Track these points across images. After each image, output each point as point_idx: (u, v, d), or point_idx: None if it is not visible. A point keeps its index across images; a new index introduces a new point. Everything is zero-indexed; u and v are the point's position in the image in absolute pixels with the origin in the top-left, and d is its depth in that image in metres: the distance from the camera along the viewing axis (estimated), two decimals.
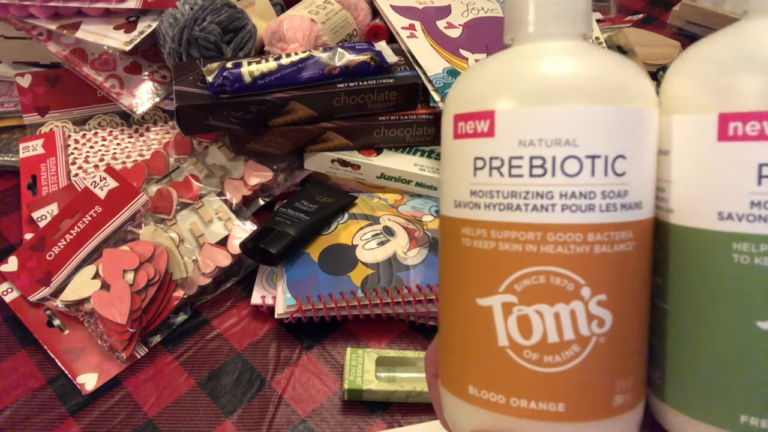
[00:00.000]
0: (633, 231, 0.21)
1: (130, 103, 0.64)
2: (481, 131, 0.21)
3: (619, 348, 0.21)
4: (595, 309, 0.20)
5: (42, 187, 0.60)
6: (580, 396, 0.20)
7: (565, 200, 0.20)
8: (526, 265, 0.20)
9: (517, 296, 0.20)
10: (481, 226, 0.21)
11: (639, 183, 0.21)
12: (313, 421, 0.45)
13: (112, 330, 0.47)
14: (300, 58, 0.57)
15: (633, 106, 0.20)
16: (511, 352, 0.20)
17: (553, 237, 0.20)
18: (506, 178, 0.20)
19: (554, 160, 0.20)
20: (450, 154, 0.23)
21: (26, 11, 0.63)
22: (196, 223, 0.56)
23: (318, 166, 0.61)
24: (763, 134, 0.19)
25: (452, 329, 0.23)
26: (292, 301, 0.48)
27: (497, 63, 0.22)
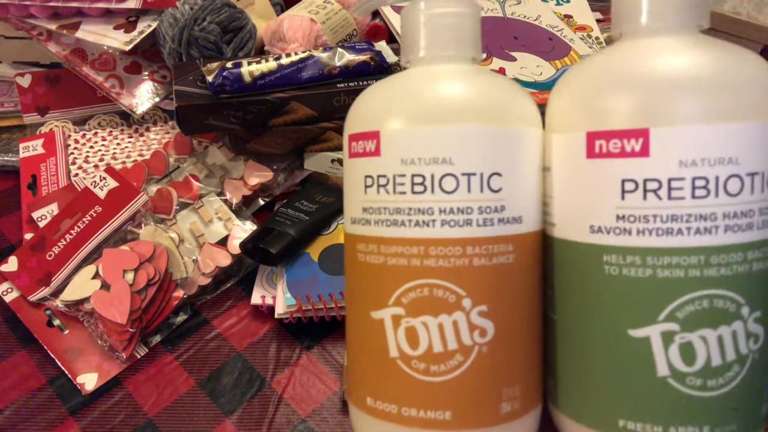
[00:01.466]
0: (513, 244, 0.22)
1: (130, 103, 0.64)
2: (369, 150, 0.22)
3: (502, 357, 0.21)
4: (477, 319, 0.21)
5: (42, 187, 0.60)
6: (465, 404, 0.21)
7: (444, 216, 0.21)
8: (412, 279, 0.21)
9: (405, 308, 0.21)
10: (372, 242, 0.22)
11: (517, 198, 0.22)
12: (313, 421, 0.45)
13: (112, 330, 0.47)
14: (300, 58, 0.57)
15: (509, 126, 0.21)
16: (401, 362, 0.21)
17: (434, 251, 0.21)
18: (391, 195, 0.21)
19: (433, 178, 0.21)
20: (347, 173, 0.24)
21: (26, 11, 0.63)
22: (196, 223, 0.56)
23: (318, 166, 0.61)
24: (624, 151, 0.20)
25: (352, 341, 0.23)
26: (292, 301, 0.48)
27: (388, 85, 0.23)
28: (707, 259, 0.19)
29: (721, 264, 0.19)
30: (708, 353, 0.19)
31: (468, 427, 0.21)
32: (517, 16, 0.72)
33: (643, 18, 0.20)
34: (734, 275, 0.19)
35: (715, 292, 0.19)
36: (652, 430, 0.20)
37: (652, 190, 0.19)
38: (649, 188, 0.19)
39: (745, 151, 0.19)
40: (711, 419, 0.20)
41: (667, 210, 0.19)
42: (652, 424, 0.20)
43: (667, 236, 0.19)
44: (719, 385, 0.20)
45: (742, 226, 0.19)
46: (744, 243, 0.19)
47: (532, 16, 0.72)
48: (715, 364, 0.19)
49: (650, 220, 0.20)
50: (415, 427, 0.21)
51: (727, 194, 0.19)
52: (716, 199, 0.19)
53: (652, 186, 0.19)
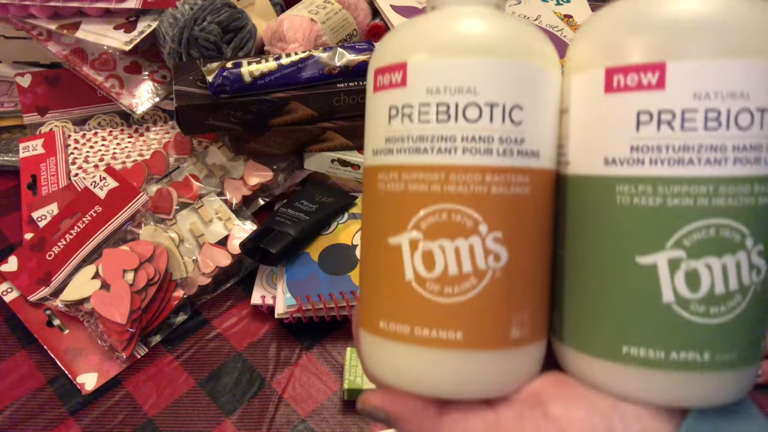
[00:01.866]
0: (529, 177, 0.22)
1: (130, 103, 0.64)
2: (395, 82, 0.23)
3: (514, 283, 0.22)
4: (492, 245, 0.22)
5: (42, 187, 0.60)
6: (476, 325, 0.22)
7: (466, 143, 0.22)
8: (431, 203, 0.22)
9: (423, 232, 0.22)
10: (394, 170, 0.23)
11: (536, 133, 0.23)
12: (313, 421, 0.45)
13: (112, 330, 0.47)
14: (300, 58, 0.57)
15: (533, 62, 0.22)
16: (416, 285, 0.22)
17: (455, 177, 0.22)
18: (416, 123, 0.22)
19: (457, 107, 0.22)
20: (370, 108, 0.24)
21: (26, 11, 0.63)
22: (196, 223, 0.56)
23: (318, 166, 0.61)
24: (641, 85, 0.21)
25: (367, 270, 0.24)
26: (292, 301, 0.48)
27: (414, 23, 0.24)
28: (716, 189, 0.20)
29: (728, 194, 0.20)
30: (712, 281, 0.20)
31: (478, 347, 0.22)
32: (517, 16, 0.72)
33: None
34: (740, 206, 0.20)
35: (721, 221, 0.20)
36: (654, 354, 0.21)
37: (666, 121, 0.20)
38: (663, 119, 0.20)
39: (756, 86, 0.20)
40: (712, 346, 0.20)
41: (680, 140, 0.20)
42: (655, 348, 0.21)
43: (678, 165, 0.20)
44: (721, 312, 0.20)
45: (750, 159, 0.20)
46: (751, 176, 0.20)
47: (532, 16, 0.72)
48: (718, 292, 0.20)
49: (663, 150, 0.20)
50: (427, 347, 0.22)
51: (738, 127, 0.20)
52: (727, 131, 0.20)
53: (666, 117, 0.20)
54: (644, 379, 0.21)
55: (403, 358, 0.23)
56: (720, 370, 0.21)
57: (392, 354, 0.23)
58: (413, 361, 0.23)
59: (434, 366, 0.22)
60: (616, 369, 0.22)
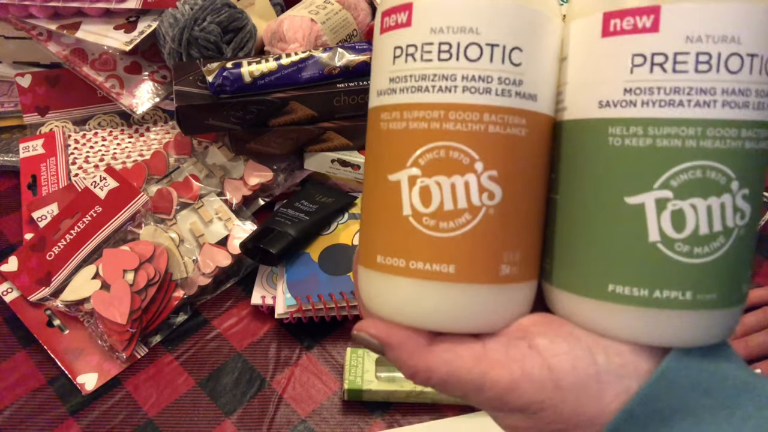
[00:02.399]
0: (526, 119, 0.23)
1: (130, 103, 0.64)
2: (401, 22, 0.23)
3: (506, 221, 0.23)
4: (487, 182, 0.22)
5: (42, 187, 0.60)
6: (468, 260, 0.23)
7: (465, 82, 0.22)
8: (430, 141, 0.22)
9: (421, 169, 0.23)
10: (396, 109, 0.23)
11: (534, 76, 0.23)
12: (313, 421, 0.45)
13: (112, 330, 0.47)
14: (300, 58, 0.57)
15: (533, 6, 0.23)
16: (412, 219, 0.23)
17: (453, 115, 0.22)
18: (418, 62, 0.23)
19: (459, 46, 0.22)
20: (376, 50, 0.25)
21: (26, 11, 0.63)
22: (196, 223, 0.56)
23: (318, 166, 0.61)
24: (636, 28, 0.21)
25: (367, 208, 0.25)
26: (292, 301, 0.48)
27: None
28: (704, 131, 0.21)
29: (716, 137, 0.21)
30: (697, 221, 0.21)
31: (469, 281, 0.23)
32: None
33: None
34: (727, 149, 0.21)
35: (708, 163, 0.21)
36: (639, 292, 0.22)
37: (659, 64, 0.21)
38: (656, 62, 0.21)
39: (747, 31, 0.20)
40: (694, 285, 0.21)
41: (671, 82, 0.21)
42: (639, 287, 0.22)
43: (668, 107, 0.21)
44: (705, 253, 0.21)
45: (738, 104, 0.21)
46: (739, 120, 0.21)
47: None
48: (702, 232, 0.21)
49: (654, 92, 0.21)
50: (421, 279, 0.23)
51: (728, 71, 0.20)
52: (717, 74, 0.20)
53: (659, 59, 0.21)
54: (628, 317, 0.22)
55: (398, 290, 0.24)
56: (701, 309, 0.21)
57: (388, 287, 0.24)
58: (407, 294, 0.23)
59: (427, 298, 0.23)
60: (601, 307, 0.23)
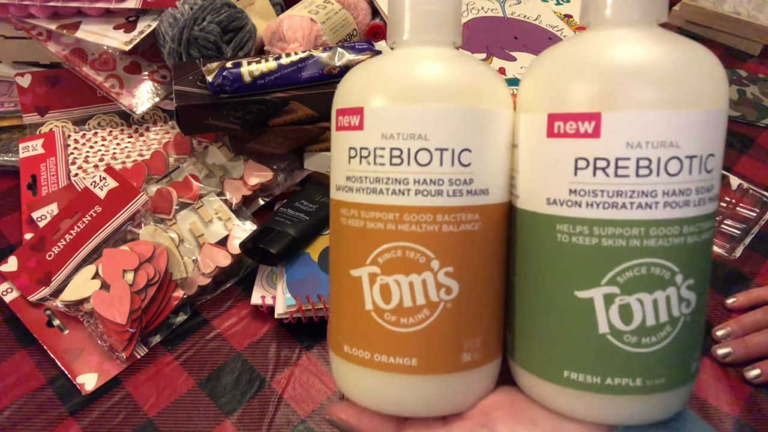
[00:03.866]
0: (479, 213, 0.24)
1: (129, 103, 0.64)
2: (354, 125, 0.24)
3: (464, 313, 0.24)
4: (444, 279, 0.23)
5: (42, 187, 0.60)
6: (430, 352, 0.24)
7: (418, 186, 0.23)
8: (387, 241, 0.23)
9: (380, 267, 0.24)
10: (353, 207, 0.24)
11: (484, 172, 0.24)
12: (313, 421, 0.45)
13: (112, 330, 0.47)
14: (300, 58, 0.57)
15: (480, 107, 0.24)
16: (375, 315, 0.24)
17: (408, 217, 0.23)
18: (372, 165, 0.24)
19: (409, 152, 0.23)
20: (334, 145, 0.26)
21: (26, 11, 0.63)
22: (196, 223, 0.56)
23: (318, 166, 0.61)
24: (579, 132, 0.22)
25: (334, 297, 0.26)
26: (292, 301, 0.48)
27: (373, 65, 0.25)
28: (647, 231, 0.21)
29: (659, 236, 0.22)
30: (644, 314, 0.22)
31: (431, 373, 0.24)
32: (517, 16, 0.72)
33: (607, 10, 0.23)
34: (670, 246, 0.22)
35: (652, 260, 0.22)
36: (592, 380, 0.23)
37: (601, 168, 0.22)
38: (598, 166, 0.22)
39: (685, 136, 0.21)
40: (643, 372, 0.22)
41: (614, 186, 0.22)
42: (592, 374, 0.23)
43: (612, 209, 0.22)
44: (652, 342, 0.22)
45: (679, 203, 0.22)
46: (680, 218, 0.22)
47: (532, 16, 0.72)
48: (649, 324, 0.22)
49: (598, 195, 0.22)
50: (385, 371, 0.24)
51: (668, 174, 0.21)
52: (657, 177, 0.21)
53: (601, 164, 0.22)
54: (583, 400, 0.23)
55: (364, 379, 0.25)
56: (651, 393, 0.23)
57: (355, 375, 0.25)
58: (373, 383, 0.25)
59: (392, 388, 0.25)
60: (558, 390, 0.24)
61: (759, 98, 0.77)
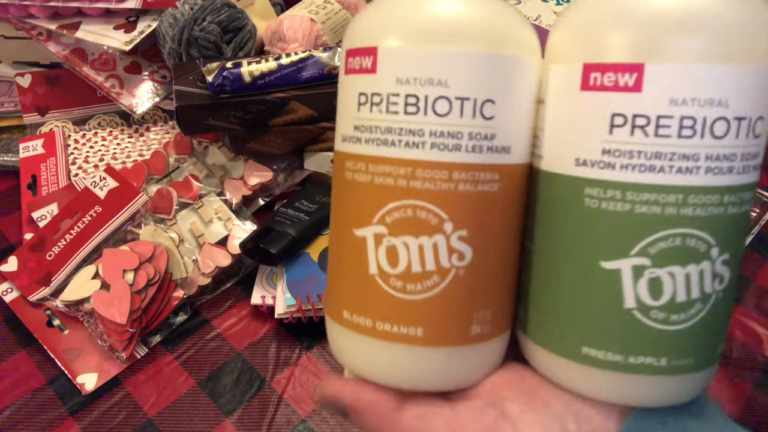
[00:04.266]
0: (499, 173, 0.22)
1: (130, 103, 0.64)
2: (366, 67, 0.22)
3: (477, 281, 0.22)
4: (456, 243, 0.21)
5: (42, 187, 0.60)
6: (437, 323, 0.22)
7: (434, 138, 0.21)
8: (397, 198, 0.21)
9: (387, 227, 0.21)
10: (361, 160, 0.22)
11: (508, 128, 0.22)
12: (313, 421, 0.45)
13: (112, 330, 0.47)
14: (300, 58, 0.57)
15: (507, 53, 0.21)
16: (379, 279, 0.22)
17: (421, 173, 0.21)
18: (384, 114, 0.21)
19: (427, 99, 0.21)
20: (342, 90, 0.23)
21: (26, 11, 0.63)
22: (196, 223, 0.56)
23: (318, 166, 0.61)
24: (618, 85, 0.20)
25: (333, 257, 0.24)
26: (292, 301, 0.48)
27: (391, 1, 0.22)
28: (685, 199, 0.20)
29: (697, 204, 0.20)
30: (674, 289, 0.20)
31: (437, 344, 0.22)
32: None
33: None
34: (708, 216, 0.20)
35: (688, 231, 0.20)
36: (613, 357, 0.21)
37: (640, 126, 0.20)
38: (637, 124, 0.20)
39: (735, 94, 0.19)
40: (669, 352, 0.21)
41: (652, 147, 0.20)
42: (614, 351, 0.21)
43: (649, 173, 0.20)
44: (681, 320, 0.20)
45: (723, 169, 0.20)
46: (722, 186, 0.20)
47: (532, 16, 0.72)
48: (679, 300, 0.20)
49: (634, 156, 0.20)
50: (388, 341, 0.22)
51: (713, 136, 0.19)
52: (701, 140, 0.19)
53: (640, 122, 0.20)
54: (602, 379, 0.21)
55: (365, 348, 0.23)
56: (676, 374, 0.21)
57: (355, 344, 0.23)
58: (374, 353, 0.23)
59: (394, 359, 0.22)
60: (575, 368, 0.22)
61: None
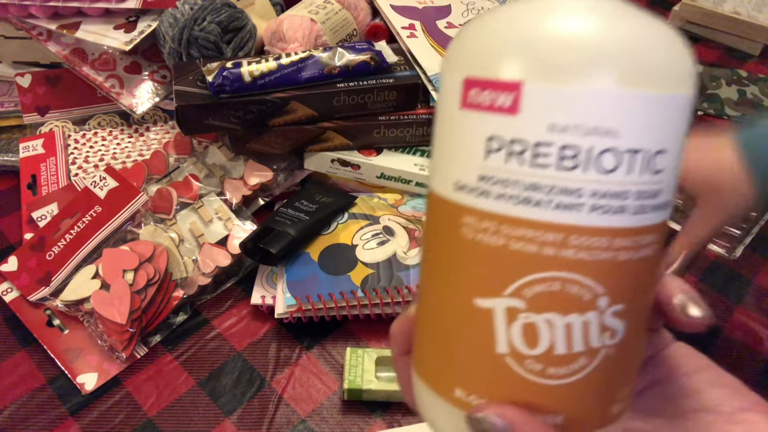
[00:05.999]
0: (657, 234, 0.19)
1: (130, 103, 0.64)
2: (501, 106, 0.18)
3: (625, 358, 0.19)
4: (610, 320, 0.18)
5: (42, 187, 0.60)
6: (580, 408, 0.19)
7: (595, 200, 0.17)
8: (541, 269, 0.18)
9: (526, 302, 0.18)
10: (490, 219, 0.18)
11: (671, 181, 0.18)
12: (313, 421, 0.45)
13: (112, 330, 0.47)
14: (300, 58, 0.57)
15: (682, 92, 0.18)
16: (511, 360, 0.18)
17: (576, 240, 0.17)
18: (527, 167, 0.17)
19: (590, 153, 0.17)
20: (453, 126, 0.19)
21: (26, 11, 0.63)
22: (196, 222, 0.56)
23: (318, 166, 0.61)
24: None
25: (439, 325, 0.20)
26: (292, 301, 0.48)
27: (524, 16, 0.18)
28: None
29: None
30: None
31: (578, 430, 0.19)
32: None
33: None
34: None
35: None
36: None
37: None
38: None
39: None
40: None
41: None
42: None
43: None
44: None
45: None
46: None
47: None
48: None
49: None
50: None
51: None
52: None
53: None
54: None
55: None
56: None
57: None
58: None
59: None
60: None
61: (759, 98, 0.77)
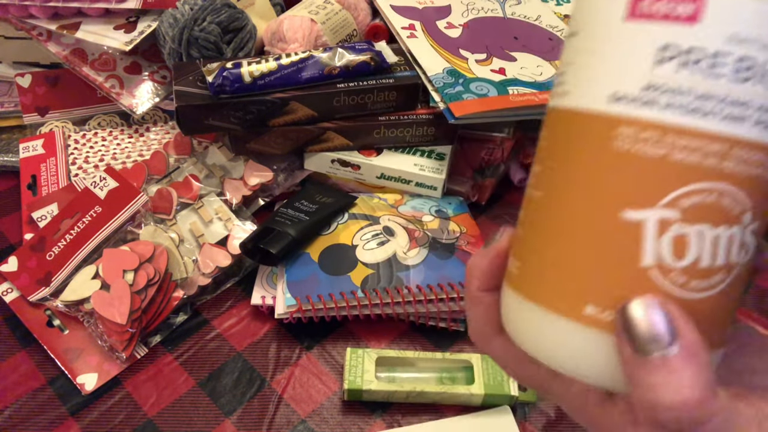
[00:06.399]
0: None
1: (130, 103, 0.64)
2: (678, 14, 0.18)
3: (745, 280, 0.20)
4: (748, 237, 0.19)
5: (42, 187, 0.60)
6: (707, 324, 0.19)
7: (760, 114, 0.17)
8: (701, 179, 0.18)
9: (682, 212, 0.18)
10: (655, 129, 0.18)
11: None
12: (313, 421, 0.45)
13: (112, 330, 0.47)
14: (300, 58, 0.57)
15: None
16: (655, 273, 0.18)
17: (738, 152, 0.18)
18: (702, 76, 0.17)
19: (764, 66, 0.17)
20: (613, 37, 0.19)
21: (26, 11, 0.63)
22: (196, 223, 0.56)
23: (318, 166, 0.61)
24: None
25: (571, 241, 0.20)
26: (292, 301, 0.48)
27: None
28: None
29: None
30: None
31: None
32: (518, 16, 0.72)
33: None
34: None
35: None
36: None
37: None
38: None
39: None
40: None
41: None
42: None
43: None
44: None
45: None
46: None
47: (533, 16, 0.72)
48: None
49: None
50: None
51: None
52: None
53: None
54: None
55: None
56: None
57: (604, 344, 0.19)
58: None
59: None
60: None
61: None
